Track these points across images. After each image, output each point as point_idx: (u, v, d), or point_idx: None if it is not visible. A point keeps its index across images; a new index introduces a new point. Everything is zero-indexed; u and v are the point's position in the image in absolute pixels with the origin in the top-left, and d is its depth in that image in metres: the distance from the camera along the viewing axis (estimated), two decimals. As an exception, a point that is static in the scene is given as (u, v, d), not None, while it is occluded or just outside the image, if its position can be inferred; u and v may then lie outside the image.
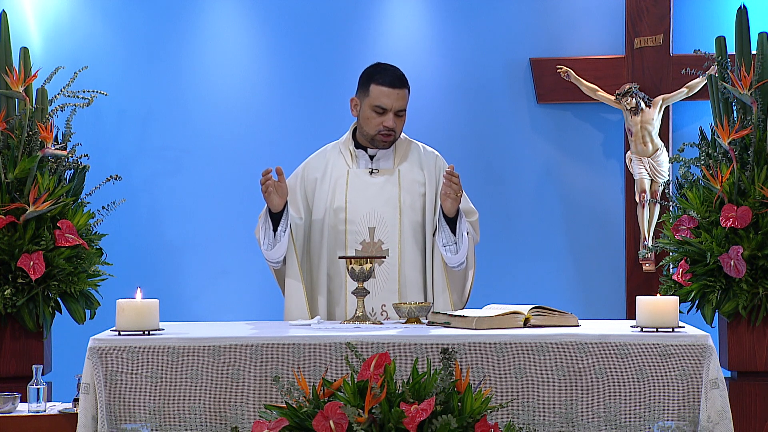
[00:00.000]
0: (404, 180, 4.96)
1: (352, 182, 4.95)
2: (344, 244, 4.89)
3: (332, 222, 4.92)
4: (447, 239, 4.84)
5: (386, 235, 4.87)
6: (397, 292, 4.86)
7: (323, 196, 4.96)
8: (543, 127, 6.59)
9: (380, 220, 4.90)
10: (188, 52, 6.54)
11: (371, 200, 4.92)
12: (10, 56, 5.50)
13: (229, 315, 6.38)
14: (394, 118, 4.87)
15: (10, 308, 5.27)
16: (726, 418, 4.01)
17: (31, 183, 5.32)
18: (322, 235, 4.92)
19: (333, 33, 6.55)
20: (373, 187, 4.94)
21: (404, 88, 4.88)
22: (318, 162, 5.03)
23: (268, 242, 4.84)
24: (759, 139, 5.35)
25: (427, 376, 3.78)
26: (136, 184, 6.43)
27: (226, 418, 4.07)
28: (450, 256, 4.84)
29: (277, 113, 6.56)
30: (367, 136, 4.93)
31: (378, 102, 4.86)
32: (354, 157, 4.98)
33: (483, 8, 6.56)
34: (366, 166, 4.97)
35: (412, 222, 4.91)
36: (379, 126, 4.87)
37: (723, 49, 5.53)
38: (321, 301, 4.89)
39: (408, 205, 4.92)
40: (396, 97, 4.86)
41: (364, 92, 4.90)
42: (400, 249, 4.88)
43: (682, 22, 6.50)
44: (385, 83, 4.86)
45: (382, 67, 4.93)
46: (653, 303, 4.20)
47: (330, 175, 4.97)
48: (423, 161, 5.01)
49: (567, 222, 6.59)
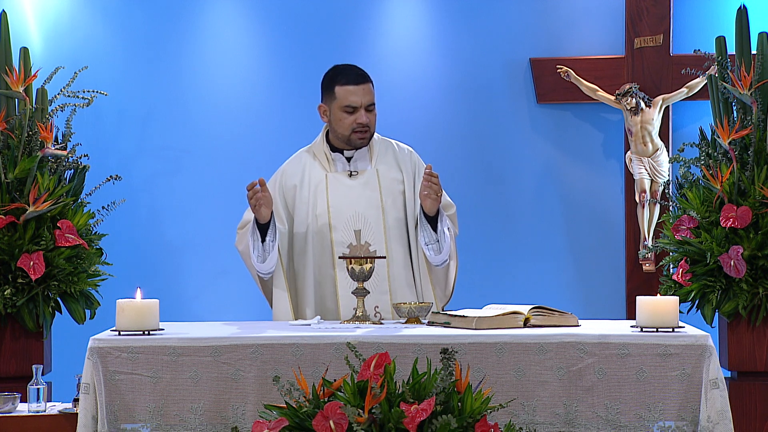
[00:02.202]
0: (383, 179, 4.95)
1: (332, 186, 4.93)
2: (331, 249, 4.87)
3: (316, 228, 4.89)
4: (429, 238, 4.83)
5: (372, 236, 4.85)
6: (388, 291, 4.85)
7: (304, 202, 4.93)
8: (543, 127, 6.58)
9: (365, 222, 4.88)
10: (188, 52, 6.54)
11: (353, 203, 4.90)
12: (10, 56, 5.50)
13: (229, 315, 6.38)
14: (366, 113, 4.87)
15: (10, 308, 5.27)
16: (726, 418, 4.01)
17: (31, 183, 5.32)
18: (306, 243, 4.90)
19: (333, 33, 6.55)
20: (354, 190, 4.92)
21: (368, 82, 4.89)
22: (294, 168, 5.00)
23: (257, 254, 4.80)
24: (759, 139, 5.35)
25: (427, 376, 3.78)
26: (136, 184, 6.42)
27: (226, 418, 4.07)
28: (433, 255, 4.84)
29: (277, 113, 6.56)
30: (342, 138, 4.91)
31: (346, 102, 4.86)
32: (330, 160, 4.97)
33: (483, 8, 6.56)
34: (344, 168, 4.96)
35: (395, 220, 4.92)
36: (353, 124, 4.86)
37: (723, 49, 5.53)
38: (309, 312, 4.87)
39: (389, 204, 4.92)
40: (362, 92, 4.86)
41: (329, 96, 4.90)
42: (387, 249, 4.87)
43: (682, 22, 6.50)
44: (348, 82, 4.86)
45: (341, 68, 4.95)
46: (653, 303, 4.20)
47: (308, 181, 4.95)
48: (399, 158, 5.00)
49: (567, 222, 6.59)
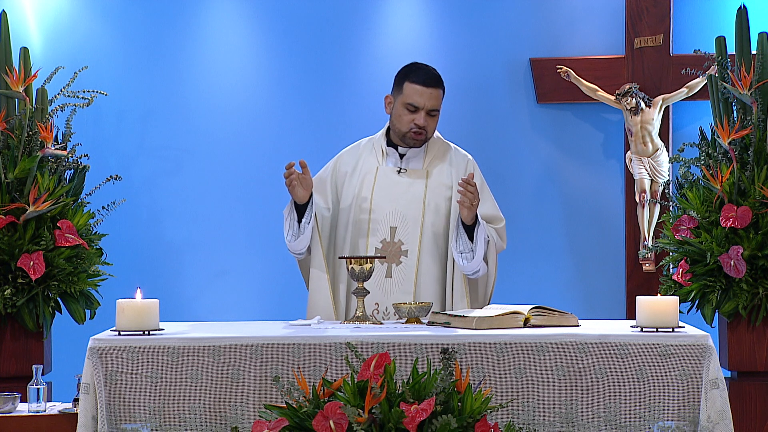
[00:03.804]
0: (432, 181, 4.94)
1: (380, 179, 4.94)
2: (366, 240, 4.88)
3: (357, 218, 4.91)
4: (464, 246, 4.80)
5: (407, 236, 4.85)
6: (412, 293, 4.83)
7: (351, 190, 4.95)
8: (543, 127, 6.58)
9: (402, 220, 4.88)
10: (188, 52, 6.54)
11: (396, 199, 4.90)
12: (10, 56, 5.50)
13: (229, 315, 6.38)
14: (426, 117, 4.86)
15: (10, 308, 5.27)
16: (726, 418, 4.01)
17: (31, 183, 5.32)
18: (347, 229, 4.92)
19: (333, 33, 6.54)
20: (399, 187, 4.92)
21: (438, 87, 4.87)
22: (350, 156, 5.03)
23: (292, 233, 4.83)
24: (759, 139, 5.35)
25: (427, 376, 3.78)
26: (136, 184, 6.42)
27: (226, 418, 4.07)
28: (464, 264, 4.80)
29: (277, 113, 6.56)
30: (399, 133, 4.92)
31: (410, 100, 4.85)
32: (384, 154, 4.98)
33: (483, 8, 6.55)
34: (395, 164, 4.96)
35: (435, 224, 4.89)
36: (411, 124, 4.86)
37: (723, 49, 5.53)
38: (342, 289, 4.88)
39: (432, 207, 4.90)
40: (429, 95, 4.85)
41: (398, 90, 4.90)
42: (420, 251, 4.86)
43: (682, 22, 6.49)
44: (418, 81, 4.86)
45: (417, 65, 4.93)
46: (653, 303, 4.20)
47: (360, 170, 4.97)
48: (454, 164, 4.98)
49: (567, 222, 6.59)
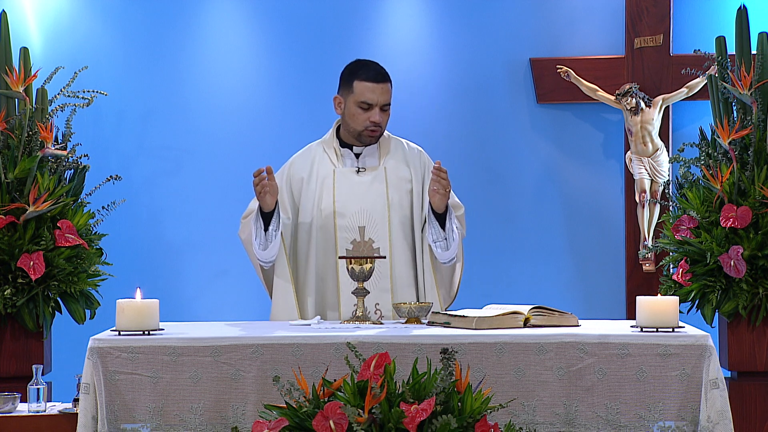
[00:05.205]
0: (391, 177, 4.95)
1: (339, 182, 4.93)
2: (334, 244, 4.87)
3: (321, 223, 4.90)
4: (437, 235, 4.83)
5: (376, 234, 4.84)
6: (389, 290, 4.84)
7: (310, 196, 4.94)
8: (543, 127, 6.58)
9: (370, 219, 4.88)
10: (188, 52, 6.54)
11: (360, 199, 4.90)
12: (10, 56, 5.50)
13: (229, 315, 6.37)
14: (380, 112, 4.87)
15: (10, 308, 5.27)
16: (726, 418, 4.01)
17: (31, 183, 5.32)
18: (310, 236, 4.90)
19: (333, 33, 6.55)
20: (361, 186, 4.93)
21: (387, 82, 4.88)
22: (303, 161, 5.01)
23: (259, 242, 4.81)
24: (759, 139, 5.35)
25: (427, 376, 3.78)
26: (136, 184, 6.42)
27: (226, 418, 4.07)
28: (440, 252, 4.83)
29: (277, 113, 6.56)
30: (354, 132, 4.92)
31: (363, 98, 4.86)
32: (339, 156, 4.97)
33: (483, 8, 6.55)
34: (352, 165, 4.96)
35: (401, 219, 4.91)
36: (366, 122, 4.87)
37: (723, 49, 5.52)
38: (310, 302, 4.89)
39: (396, 202, 4.91)
40: (381, 91, 4.85)
41: (347, 89, 4.89)
42: (391, 247, 4.87)
43: (682, 22, 6.50)
44: (369, 78, 4.86)
45: (363, 63, 4.94)
46: (653, 303, 4.20)
47: (316, 174, 4.96)
48: (408, 157, 4.99)
49: (567, 222, 6.59)
